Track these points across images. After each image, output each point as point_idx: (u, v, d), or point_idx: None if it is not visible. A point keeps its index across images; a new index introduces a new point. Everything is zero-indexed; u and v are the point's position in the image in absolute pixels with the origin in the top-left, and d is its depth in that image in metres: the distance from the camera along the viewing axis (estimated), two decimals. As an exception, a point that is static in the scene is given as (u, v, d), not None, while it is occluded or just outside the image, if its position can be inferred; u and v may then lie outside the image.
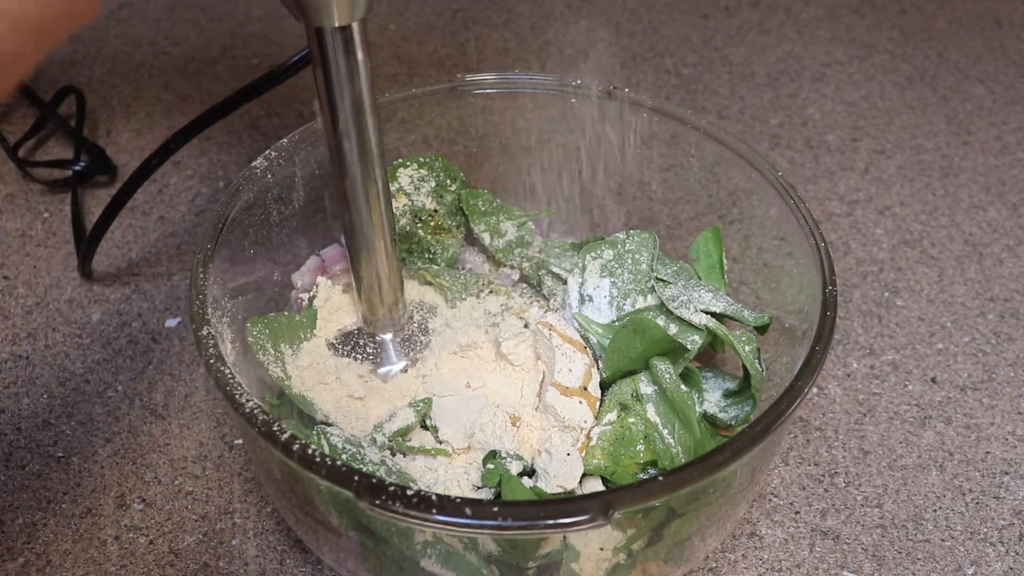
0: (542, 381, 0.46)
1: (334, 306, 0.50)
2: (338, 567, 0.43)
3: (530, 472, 0.44)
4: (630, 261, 0.50)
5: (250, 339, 0.46)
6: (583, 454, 0.44)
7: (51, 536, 0.48)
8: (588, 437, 0.45)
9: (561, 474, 0.42)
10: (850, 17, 0.90)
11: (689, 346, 0.46)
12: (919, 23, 0.89)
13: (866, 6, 0.91)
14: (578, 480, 0.43)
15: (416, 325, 0.50)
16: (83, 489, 0.50)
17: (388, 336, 0.49)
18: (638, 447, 0.44)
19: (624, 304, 0.49)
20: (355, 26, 0.37)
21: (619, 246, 0.51)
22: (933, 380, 0.57)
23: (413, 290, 0.52)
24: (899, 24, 0.89)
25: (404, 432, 0.45)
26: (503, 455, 0.43)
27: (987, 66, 0.84)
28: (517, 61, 0.82)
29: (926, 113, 0.78)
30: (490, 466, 0.43)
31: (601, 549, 0.39)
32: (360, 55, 0.38)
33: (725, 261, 0.52)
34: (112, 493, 0.50)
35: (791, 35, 0.87)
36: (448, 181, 0.55)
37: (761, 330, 0.49)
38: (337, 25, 0.37)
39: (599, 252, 0.51)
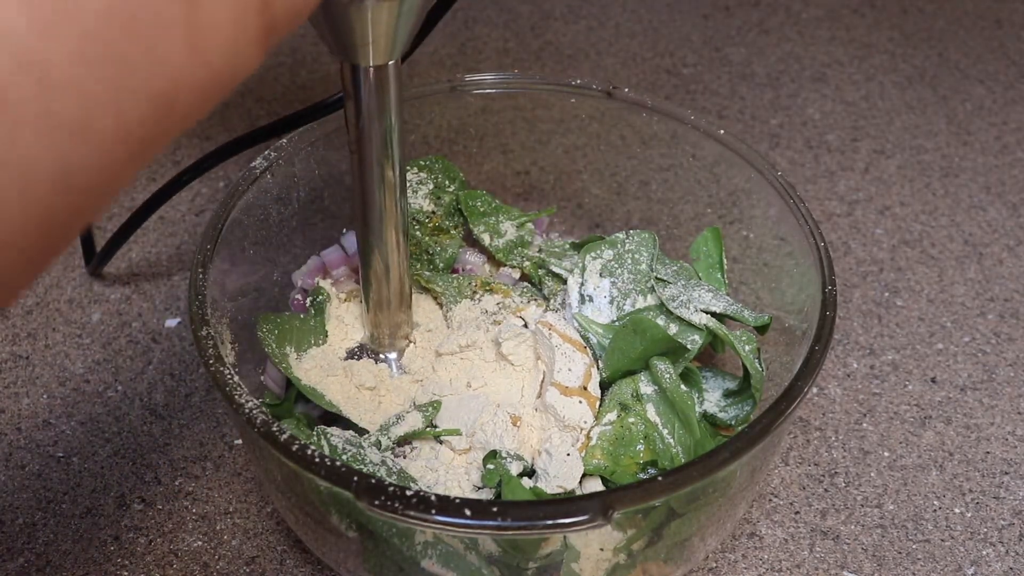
0: (542, 381, 0.46)
1: (344, 320, 0.50)
2: (338, 567, 0.43)
3: (530, 472, 0.44)
4: (630, 261, 0.50)
5: (260, 334, 0.46)
6: (583, 454, 0.44)
7: (51, 536, 0.48)
8: (588, 437, 0.45)
9: (561, 474, 0.42)
10: (850, 17, 0.90)
11: (689, 346, 0.46)
12: (919, 23, 0.89)
13: (866, 6, 0.91)
14: (578, 480, 0.43)
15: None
16: (83, 489, 0.50)
17: (393, 356, 0.49)
18: (638, 447, 0.44)
19: (624, 304, 0.49)
20: (390, 64, 0.37)
21: (619, 246, 0.51)
22: (933, 380, 0.57)
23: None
24: (899, 24, 0.89)
25: (410, 437, 0.45)
26: (503, 455, 0.43)
27: (987, 66, 0.84)
28: (517, 61, 0.82)
29: (926, 113, 0.78)
30: (490, 466, 0.43)
31: (601, 549, 0.39)
32: (392, 93, 0.38)
33: (725, 261, 0.52)
34: (112, 493, 0.50)
35: (791, 35, 0.87)
36: (447, 182, 0.55)
37: (761, 330, 0.49)
38: (373, 64, 0.36)
39: (599, 252, 0.51)
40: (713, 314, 0.48)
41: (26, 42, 0.18)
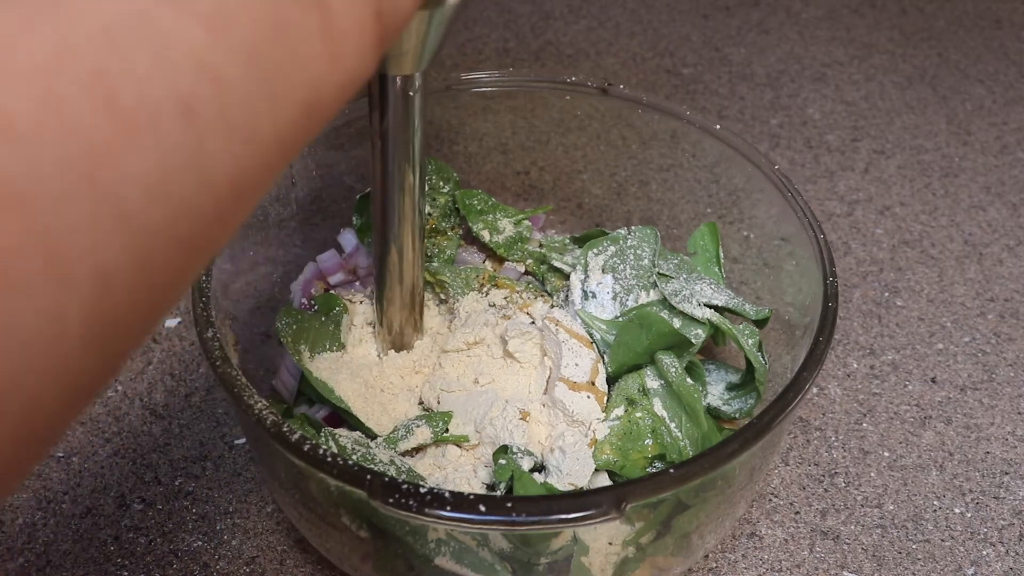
0: (549, 376, 0.46)
1: (362, 339, 0.50)
2: (342, 564, 0.43)
3: (539, 468, 0.44)
4: (632, 256, 0.50)
5: (278, 325, 0.46)
6: (592, 449, 0.44)
7: (51, 536, 0.48)
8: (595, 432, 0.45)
9: (573, 471, 0.42)
10: (850, 17, 0.90)
11: (693, 340, 0.46)
12: (919, 23, 0.89)
13: (866, 6, 0.91)
14: (589, 477, 0.43)
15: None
16: (83, 489, 0.50)
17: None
18: (646, 441, 0.44)
19: (627, 300, 0.49)
20: (417, 75, 0.38)
21: (621, 242, 0.51)
22: (933, 380, 0.57)
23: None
24: (899, 24, 0.89)
25: (419, 449, 0.45)
26: (514, 450, 0.43)
27: (987, 66, 0.84)
28: (517, 61, 0.82)
29: (926, 113, 0.78)
30: (502, 461, 0.43)
31: (610, 543, 0.39)
32: (418, 103, 0.39)
33: (722, 255, 0.52)
34: (112, 493, 0.50)
35: (791, 35, 0.87)
36: (441, 183, 0.55)
37: (760, 324, 0.48)
38: (401, 75, 0.37)
39: (601, 248, 0.51)
40: (715, 308, 0.48)
41: (203, 50, 0.19)
